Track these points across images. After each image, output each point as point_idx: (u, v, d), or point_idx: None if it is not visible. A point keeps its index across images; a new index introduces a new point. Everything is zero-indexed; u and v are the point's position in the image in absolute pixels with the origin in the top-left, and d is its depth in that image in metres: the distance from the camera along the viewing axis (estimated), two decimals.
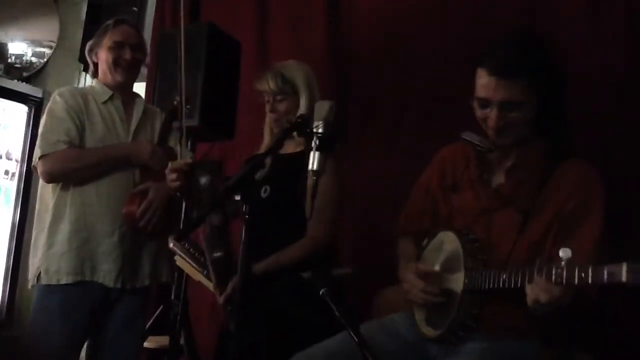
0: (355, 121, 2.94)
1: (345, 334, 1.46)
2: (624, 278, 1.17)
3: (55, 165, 2.17)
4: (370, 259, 2.59)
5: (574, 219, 1.56)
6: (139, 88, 3.52)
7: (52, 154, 2.16)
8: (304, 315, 2.00)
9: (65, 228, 2.16)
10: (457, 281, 1.65)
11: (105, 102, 2.30)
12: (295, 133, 2.16)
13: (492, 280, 1.53)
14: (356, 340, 1.41)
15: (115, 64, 2.29)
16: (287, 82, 2.23)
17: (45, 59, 4.05)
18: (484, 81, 1.58)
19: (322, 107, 1.61)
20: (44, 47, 4.07)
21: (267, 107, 2.29)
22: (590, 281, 1.25)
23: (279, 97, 2.24)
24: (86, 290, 2.15)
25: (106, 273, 2.16)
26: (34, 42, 4.08)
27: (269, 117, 2.31)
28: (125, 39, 2.30)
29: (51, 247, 2.16)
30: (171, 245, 2.27)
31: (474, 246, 1.64)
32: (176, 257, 2.35)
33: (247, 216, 1.55)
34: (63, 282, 2.13)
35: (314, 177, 1.56)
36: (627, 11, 2.45)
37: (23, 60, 4.04)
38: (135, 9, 3.78)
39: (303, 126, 1.62)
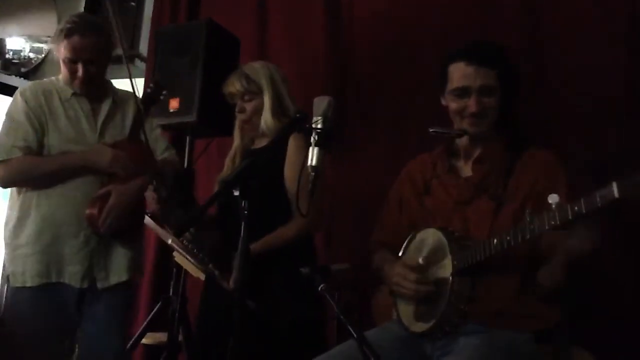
0: (354, 121, 2.94)
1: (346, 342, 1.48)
2: (616, 194, 1.23)
3: (8, 173, 2.14)
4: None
5: (544, 196, 1.61)
6: (137, 84, 3.52)
7: (7, 161, 2.12)
8: (299, 310, 2.02)
9: (30, 230, 2.14)
10: (445, 267, 1.67)
11: (69, 99, 2.23)
12: (265, 126, 2.21)
13: (482, 250, 1.58)
14: (355, 335, 1.41)
15: (72, 77, 2.21)
16: (251, 81, 2.28)
17: (43, 55, 4.04)
18: (463, 72, 1.75)
19: (321, 103, 1.61)
20: (42, 42, 4.06)
21: (236, 109, 2.33)
22: (584, 211, 1.30)
23: (246, 97, 2.29)
24: (54, 291, 2.13)
25: (72, 274, 2.14)
26: (32, 38, 4.07)
27: (238, 118, 2.35)
28: (76, 56, 2.15)
29: (17, 249, 2.15)
30: (169, 241, 2.27)
31: (456, 235, 1.70)
32: (175, 254, 2.34)
33: (245, 212, 1.54)
34: (29, 284, 2.11)
35: (313, 173, 1.56)
36: (630, 12, 2.45)
37: (21, 55, 4.03)
38: (133, 3, 3.77)
39: (302, 122, 1.62)
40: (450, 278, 1.64)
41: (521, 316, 1.65)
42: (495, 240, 1.55)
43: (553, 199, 1.38)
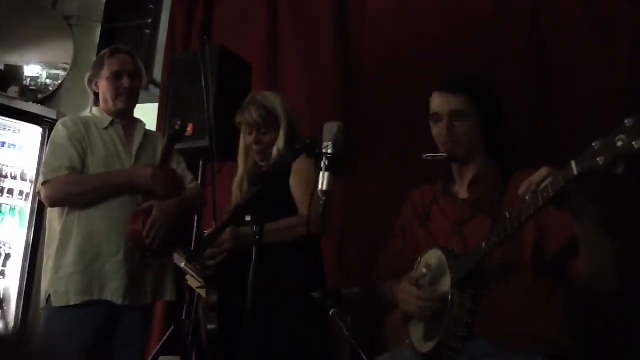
0: (364, 143, 2.97)
1: None
2: (575, 172, 1.30)
3: (56, 191, 2.22)
4: None
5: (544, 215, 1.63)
6: (151, 109, 3.58)
7: (55, 179, 2.22)
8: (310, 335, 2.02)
9: (72, 251, 2.20)
10: (445, 282, 1.69)
11: (106, 128, 2.35)
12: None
13: (474, 257, 1.62)
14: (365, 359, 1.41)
15: (117, 93, 2.35)
16: (270, 114, 2.28)
17: (59, 81, 4.12)
18: (435, 100, 1.88)
19: (331, 128, 1.64)
20: (58, 69, 4.15)
21: (250, 139, 2.31)
22: (552, 193, 1.36)
23: (263, 130, 2.29)
24: (94, 309, 2.19)
25: (114, 291, 2.19)
26: (49, 65, 4.16)
27: (249, 148, 2.33)
28: (123, 68, 2.36)
29: (59, 270, 2.20)
30: (182, 265, 2.29)
31: (455, 252, 1.73)
32: (187, 277, 2.36)
33: (257, 237, 1.56)
34: (72, 303, 2.16)
35: (324, 198, 1.58)
36: (632, 34, 2.47)
37: (38, 82, 4.11)
38: (147, 31, 3.84)
39: (313, 147, 1.65)
40: (450, 291, 1.65)
41: (534, 337, 1.64)
42: (484, 244, 1.59)
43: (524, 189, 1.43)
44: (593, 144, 1.27)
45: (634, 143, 1.20)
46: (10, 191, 3.85)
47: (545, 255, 1.66)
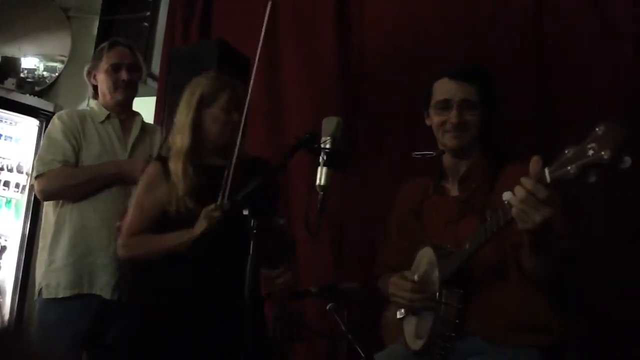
0: (365, 140, 2.96)
1: None
2: (548, 179, 1.28)
3: (49, 183, 2.23)
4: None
5: None
6: (149, 102, 3.57)
7: (47, 172, 2.23)
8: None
9: (64, 243, 2.22)
10: (435, 282, 1.69)
11: (102, 122, 2.36)
12: None
13: (459, 257, 1.62)
14: (362, 354, 1.41)
15: (115, 86, 2.36)
16: None
17: (57, 74, 4.10)
18: (445, 86, 1.84)
19: (330, 123, 1.64)
20: (55, 61, 4.13)
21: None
22: None
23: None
24: (84, 302, 2.20)
25: (104, 285, 2.20)
26: (46, 57, 4.14)
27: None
28: (121, 61, 2.37)
29: (52, 263, 2.22)
30: None
31: (446, 251, 1.73)
32: None
33: (255, 231, 1.56)
34: (61, 295, 2.18)
35: (322, 193, 1.58)
36: (634, 34, 2.48)
37: (35, 74, 4.09)
38: (146, 24, 3.83)
39: (311, 142, 1.64)
40: (438, 290, 1.65)
41: (527, 329, 1.65)
42: (467, 245, 1.59)
43: (506, 196, 1.41)
44: (566, 151, 1.24)
45: (603, 153, 1.16)
46: (7, 183, 3.84)
47: (513, 250, 1.66)
